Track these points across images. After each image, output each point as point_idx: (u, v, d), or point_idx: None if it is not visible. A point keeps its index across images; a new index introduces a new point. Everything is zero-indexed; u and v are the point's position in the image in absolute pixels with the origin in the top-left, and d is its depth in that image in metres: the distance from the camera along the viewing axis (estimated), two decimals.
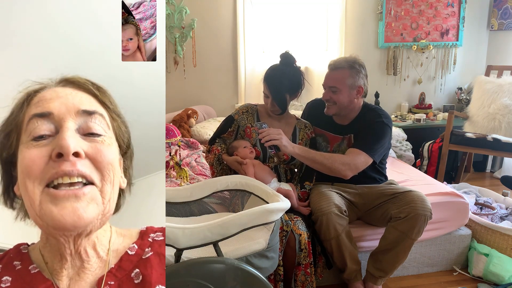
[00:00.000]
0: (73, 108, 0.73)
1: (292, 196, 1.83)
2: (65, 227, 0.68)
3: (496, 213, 2.42)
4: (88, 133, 0.73)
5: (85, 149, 0.71)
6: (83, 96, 0.76)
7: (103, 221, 0.73)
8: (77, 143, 0.70)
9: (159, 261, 0.76)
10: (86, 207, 0.69)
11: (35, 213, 0.69)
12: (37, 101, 0.74)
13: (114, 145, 0.77)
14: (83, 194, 0.69)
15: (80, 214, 0.68)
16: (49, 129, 0.71)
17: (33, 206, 0.69)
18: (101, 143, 0.73)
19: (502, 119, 3.20)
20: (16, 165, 0.73)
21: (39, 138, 0.71)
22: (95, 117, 0.74)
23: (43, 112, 0.72)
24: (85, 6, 1.27)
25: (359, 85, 1.94)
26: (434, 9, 3.94)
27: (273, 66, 1.95)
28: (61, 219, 0.67)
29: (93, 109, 0.75)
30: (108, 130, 0.76)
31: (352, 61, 1.94)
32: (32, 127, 0.71)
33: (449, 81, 4.16)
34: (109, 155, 0.73)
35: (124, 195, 0.83)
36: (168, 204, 1.56)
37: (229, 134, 2.02)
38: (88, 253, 0.74)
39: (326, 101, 1.99)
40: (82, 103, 0.74)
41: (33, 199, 0.69)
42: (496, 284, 2.08)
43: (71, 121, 0.72)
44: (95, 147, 0.72)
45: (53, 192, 0.68)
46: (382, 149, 1.96)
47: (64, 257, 0.72)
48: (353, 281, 1.91)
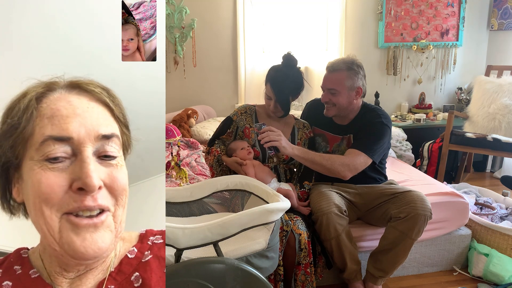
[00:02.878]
0: (93, 132, 0.69)
1: (292, 196, 1.84)
2: (86, 258, 0.68)
3: (496, 213, 2.42)
4: (103, 155, 0.70)
5: (102, 178, 0.69)
6: (99, 112, 0.72)
7: (116, 243, 0.73)
8: (98, 174, 0.68)
9: (158, 264, 0.76)
10: (103, 237, 0.69)
11: (54, 239, 0.67)
12: (51, 115, 0.68)
13: (123, 162, 0.75)
14: (101, 223, 0.69)
15: (100, 245, 0.68)
16: (65, 151, 0.67)
17: (51, 233, 0.67)
18: (115, 166, 0.71)
19: (502, 119, 3.20)
20: (14, 169, 0.71)
21: (54, 159, 0.67)
22: (112, 140, 0.72)
23: (62, 136, 0.67)
24: (85, 7, 1.27)
25: (358, 86, 1.94)
26: (434, 9, 3.94)
27: (275, 67, 1.94)
28: (84, 251, 0.67)
29: (110, 131, 0.72)
30: (120, 150, 0.74)
31: (350, 62, 1.94)
32: (48, 149, 0.67)
33: (449, 81, 4.16)
34: (123, 181, 0.72)
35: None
36: (168, 204, 1.56)
37: (228, 135, 2.02)
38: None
39: (325, 103, 1.99)
40: (100, 125, 0.71)
41: (51, 225, 0.67)
42: (496, 284, 2.08)
43: (90, 147, 0.68)
44: (111, 174, 0.70)
45: (75, 220, 0.67)
46: (382, 150, 1.96)
47: (65, 267, 0.73)
48: (353, 281, 1.92)
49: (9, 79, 0.94)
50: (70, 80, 0.74)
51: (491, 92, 3.31)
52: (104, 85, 0.77)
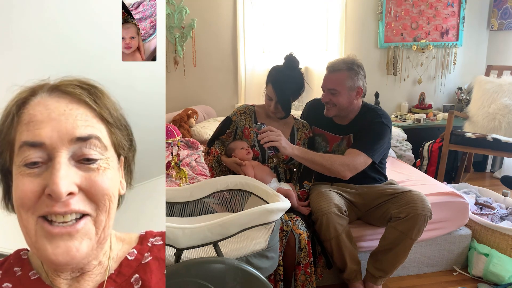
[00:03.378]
0: (66, 136, 0.68)
1: (292, 196, 1.84)
2: (58, 266, 0.68)
3: (496, 213, 2.42)
4: (82, 159, 0.69)
5: (78, 183, 0.68)
6: (79, 114, 0.70)
7: (99, 249, 0.72)
8: (70, 180, 0.67)
9: (158, 265, 0.76)
10: (79, 246, 0.68)
11: (31, 242, 0.68)
12: (28, 121, 0.69)
13: (111, 164, 0.73)
14: (77, 231, 0.68)
15: (73, 254, 0.67)
16: (41, 156, 0.68)
17: (29, 235, 0.68)
18: (96, 170, 0.69)
19: (502, 119, 3.20)
20: (10, 173, 0.72)
21: (32, 164, 0.68)
22: (90, 142, 0.70)
23: (34, 141, 0.67)
24: (85, 7, 1.27)
25: (358, 86, 1.93)
26: (434, 9, 3.94)
27: (277, 68, 1.93)
28: (54, 259, 0.66)
29: (88, 133, 0.70)
30: (105, 152, 0.72)
31: (351, 62, 1.93)
32: (23, 154, 0.68)
33: (449, 81, 4.16)
34: (104, 185, 0.70)
35: (124, 195, 0.82)
36: (168, 204, 1.56)
37: (228, 135, 2.02)
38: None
39: (325, 103, 1.98)
40: (76, 127, 0.69)
41: (28, 228, 0.68)
42: (496, 284, 2.08)
43: (64, 152, 0.68)
44: (89, 178, 0.69)
45: (48, 227, 0.67)
46: (381, 149, 1.96)
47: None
48: (353, 281, 1.91)
49: (8, 79, 0.94)
50: (53, 82, 0.74)
51: (491, 92, 3.31)
52: (91, 83, 0.75)
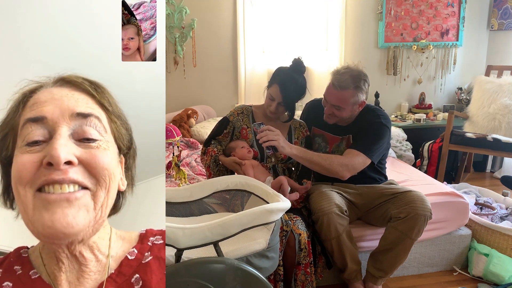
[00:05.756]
0: (67, 111, 0.70)
1: (283, 181, 1.79)
2: (55, 235, 0.66)
3: (496, 213, 2.42)
4: (83, 138, 0.70)
5: (78, 155, 0.69)
6: (79, 97, 0.74)
7: (95, 228, 0.71)
8: (69, 150, 0.68)
9: (158, 265, 0.76)
10: (76, 214, 0.67)
11: (28, 218, 0.68)
12: (32, 104, 0.72)
13: (111, 148, 0.74)
14: (75, 198, 0.67)
15: (69, 220, 0.66)
16: (42, 134, 0.69)
17: (26, 211, 0.68)
18: (96, 148, 0.71)
19: (502, 119, 3.20)
20: (10, 164, 0.72)
21: (33, 143, 0.69)
22: (90, 120, 0.72)
23: (36, 116, 0.70)
24: (86, 8, 1.27)
25: (362, 100, 1.92)
26: (434, 9, 3.94)
27: (284, 70, 1.93)
28: (51, 225, 0.65)
29: (88, 111, 0.72)
30: (105, 134, 0.74)
31: (357, 77, 1.86)
32: (26, 132, 0.69)
33: (449, 81, 4.16)
34: (104, 160, 0.71)
35: (125, 196, 0.82)
36: (168, 204, 1.56)
37: (225, 135, 2.02)
38: (85, 257, 0.73)
39: (327, 114, 1.97)
40: (77, 105, 0.72)
41: (26, 203, 0.67)
42: (496, 284, 2.08)
43: (64, 127, 0.70)
44: (89, 152, 0.70)
45: (45, 196, 0.67)
46: (381, 150, 1.95)
47: (60, 260, 0.72)
48: (353, 281, 1.92)
49: (9, 78, 0.94)
50: (57, 76, 0.77)
51: (491, 92, 3.31)
52: (94, 80, 0.78)
